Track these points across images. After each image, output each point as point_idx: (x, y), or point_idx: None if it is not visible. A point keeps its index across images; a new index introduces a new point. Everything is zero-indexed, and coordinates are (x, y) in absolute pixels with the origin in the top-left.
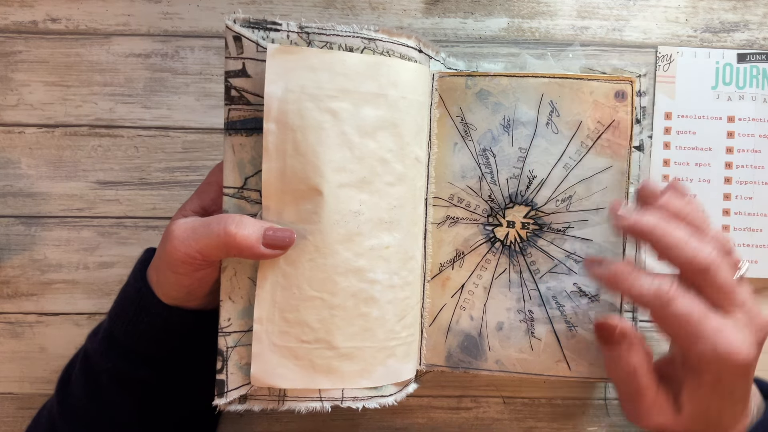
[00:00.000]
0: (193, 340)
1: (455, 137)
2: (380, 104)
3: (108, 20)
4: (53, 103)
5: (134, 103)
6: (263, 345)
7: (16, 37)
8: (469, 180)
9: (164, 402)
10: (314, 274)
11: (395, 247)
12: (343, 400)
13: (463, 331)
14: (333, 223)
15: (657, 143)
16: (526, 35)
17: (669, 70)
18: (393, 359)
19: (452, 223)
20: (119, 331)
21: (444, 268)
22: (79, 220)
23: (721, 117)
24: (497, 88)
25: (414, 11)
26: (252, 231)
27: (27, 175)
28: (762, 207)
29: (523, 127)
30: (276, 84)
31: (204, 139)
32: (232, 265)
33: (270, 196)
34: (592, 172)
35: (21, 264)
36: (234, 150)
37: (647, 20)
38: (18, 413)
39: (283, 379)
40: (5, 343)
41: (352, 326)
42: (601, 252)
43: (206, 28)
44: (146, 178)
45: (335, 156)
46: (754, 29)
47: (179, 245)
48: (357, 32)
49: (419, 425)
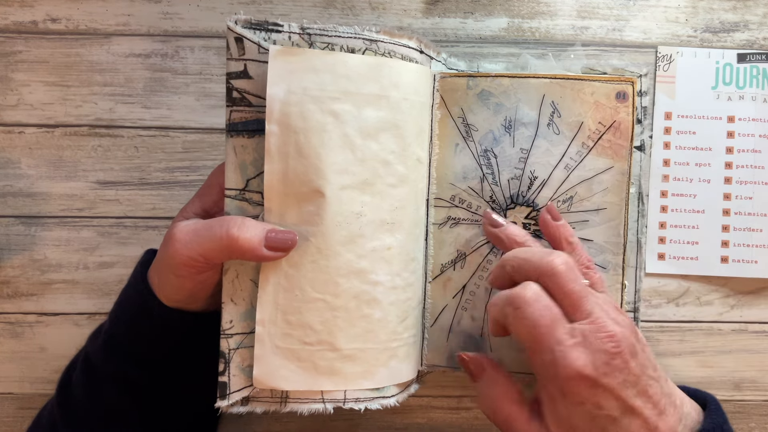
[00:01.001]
0: (194, 343)
1: (456, 138)
2: (382, 106)
3: (108, 20)
4: (53, 103)
5: (134, 103)
6: (266, 347)
7: (16, 37)
8: (471, 181)
9: (165, 404)
10: (316, 276)
11: (397, 249)
12: (345, 401)
13: (464, 332)
14: (335, 225)
15: (657, 143)
16: (526, 35)
17: (669, 70)
18: (395, 360)
19: (454, 224)
20: (120, 334)
21: (445, 268)
22: (79, 220)
23: (721, 117)
24: (498, 88)
25: (414, 11)
26: (254, 233)
27: (27, 175)
28: (762, 207)
29: (524, 128)
30: (278, 85)
31: (204, 139)
32: (234, 267)
33: (272, 198)
34: (593, 172)
35: (21, 264)
36: (236, 151)
37: (647, 20)
38: (18, 413)
39: (286, 380)
40: (5, 343)
41: (354, 328)
42: (602, 252)
43: (206, 28)
44: (146, 178)
45: (337, 158)
46: (754, 29)
47: (181, 248)
48: (359, 33)
49: (419, 425)
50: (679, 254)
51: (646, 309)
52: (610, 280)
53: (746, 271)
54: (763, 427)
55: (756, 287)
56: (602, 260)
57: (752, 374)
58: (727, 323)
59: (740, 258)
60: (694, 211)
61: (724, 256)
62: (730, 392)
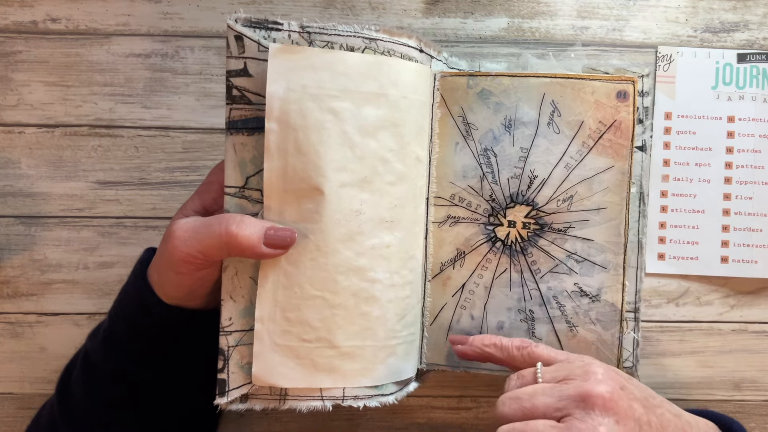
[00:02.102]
0: (193, 340)
1: (456, 137)
2: (381, 104)
3: (108, 20)
4: (53, 103)
5: (134, 103)
6: (265, 344)
7: (16, 37)
8: (471, 179)
9: (165, 402)
10: (315, 273)
11: (396, 247)
12: (344, 399)
13: (463, 331)
14: (334, 223)
15: (657, 143)
16: (526, 35)
17: (669, 70)
18: (394, 358)
19: (453, 223)
20: (120, 331)
21: (445, 267)
22: (79, 220)
23: (721, 117)
24: (499, 87)
25: (414, 11)
26: (253, 231)
27: (27, 175)
28: (762, 207)
29: (524, 127)
30: (278, 83)
31: (204, 139)
32: (233, 264)
33: (271, 196)
34: (593, 172)
35: (21, 264)
36: (235, 149)
37: (647, 20)
38: (18, 413)
39: (285, 378)
40: (5, 343)
41: (353, 325)
42: (603, 251)
43: (206, 28)
44: (146, 178)
45: (336, 155)
46: (754, 29)
47: (180, 245)
48: (358, 32)
49: (419, 425)
50: (679, 254)
51: (646, 309)
52: (611, 280)
53: (746, 271)
54: (763, 427)
55: (756, 287)
56: (603, 260)
57: (752, 374)
58: (727, 323)
59: (740, 258)
60: (694, 211)
61: (724, 256)
62: (730, 392)
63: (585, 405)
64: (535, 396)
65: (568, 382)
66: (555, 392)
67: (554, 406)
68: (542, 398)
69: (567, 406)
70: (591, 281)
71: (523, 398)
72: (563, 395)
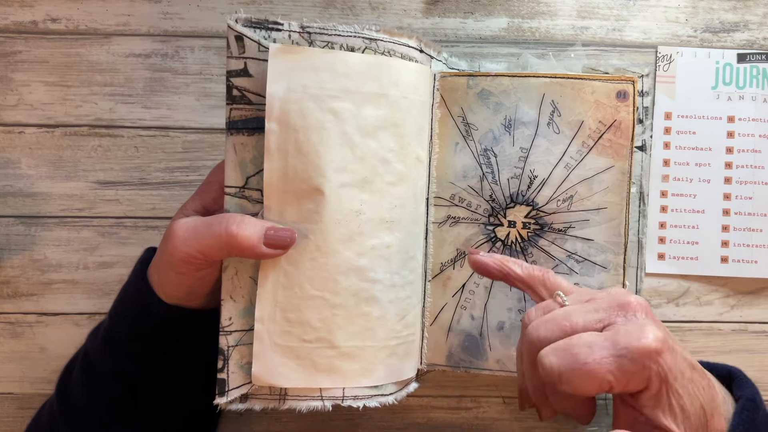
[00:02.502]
0: (193, 340)
1: (456, 137)
2: (381, 104)
3: (108, 20)
4: (53, 103)
5: (134, 103)
6: (264, 344)
7: (16, 37)
8: (471, 180)
9: (164, 402)
10: (315, 274)
11: (396, 247)
12: (344, 399)
13: (464, 331)
14: (334, 223)
15: (657, 143)
16: (526, 35)
17: (669, 70)
18: (394, 358)
19: (453, 223)
20: (120, 331)
21: (445, 267)
22: (79, 220)
23: (721, 117)
24: (498, 88)
25: (414, 11)
26: (253, 231)
27: (27, 175)
28: (762, 207)
29: (524, 127)
30: (278, 83)
31: (204, 139)
32: (233, 264)
33: (271, 196)
34: (593, 172)
35: (21, 264)
36: (235, 149)
37: (647, 20)
38: (18, 413)
39: (285, 378)
40: (5, 343)
41: (353, 325)
42: (603, 251)
43: (206, 28)
44: (146, 178)
45: (337, 156)
46: (754, 29)
47: (180, 245)
48: (358, 32)
49: (419, 425)
50: (679, 254)
51: None
52: (611, 280)
53: (746, 271)
54: None
55: (756, 287)
56: (603, 260)
57: (752, 374)
58: (727, 323)
59: (740, 258)
60: (694, 211)
61: (724, 256)
62: None
63: (625, 311)
64: (570, 315)
65: (598, 300)
66: (589, 308)
67: (594, 318)
68: (579, 315)
69: (607, 317)
70: (591, 281)
71: (559, 318)
72: (599, 308)
